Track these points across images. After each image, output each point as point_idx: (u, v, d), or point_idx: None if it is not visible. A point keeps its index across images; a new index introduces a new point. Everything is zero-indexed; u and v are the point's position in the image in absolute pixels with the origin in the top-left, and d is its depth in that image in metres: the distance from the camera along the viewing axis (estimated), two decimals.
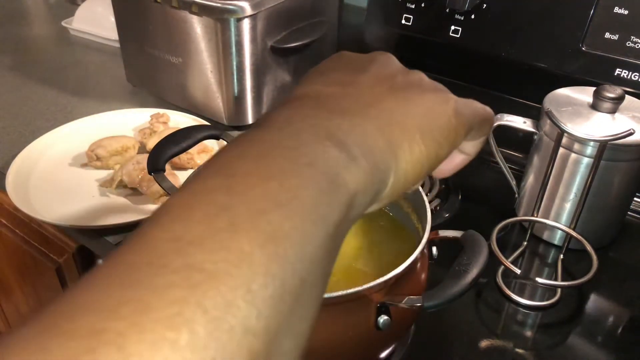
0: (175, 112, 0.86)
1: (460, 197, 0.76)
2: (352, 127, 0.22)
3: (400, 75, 0.27)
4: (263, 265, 0.17)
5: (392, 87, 0.26)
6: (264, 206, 0.18)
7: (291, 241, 0.18)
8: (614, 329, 0.60)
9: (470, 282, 0.42)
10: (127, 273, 0.16)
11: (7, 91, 0.96)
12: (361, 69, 0.27)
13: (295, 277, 0.18)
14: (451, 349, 0.56)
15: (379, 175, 0.23)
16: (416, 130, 0.24)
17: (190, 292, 0.15)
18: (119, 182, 0.73)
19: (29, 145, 0.79)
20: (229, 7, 0.74)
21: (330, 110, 0.23)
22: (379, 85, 0.26)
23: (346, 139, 0.22)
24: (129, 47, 0.92)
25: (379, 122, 0.24)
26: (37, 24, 1.31)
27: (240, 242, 0.17)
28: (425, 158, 0.25)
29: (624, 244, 0.70)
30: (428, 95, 0.26)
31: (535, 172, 0.69)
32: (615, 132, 0.59)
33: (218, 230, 0.17)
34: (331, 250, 0.20)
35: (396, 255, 0.50)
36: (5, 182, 0.71)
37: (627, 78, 0.69)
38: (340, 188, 0.20)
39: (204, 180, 0.20)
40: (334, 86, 0.25)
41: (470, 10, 0.76)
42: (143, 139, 0.82)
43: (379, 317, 0.43)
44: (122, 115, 0.88)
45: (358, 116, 0.23)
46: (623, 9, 0.67)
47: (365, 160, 0.22)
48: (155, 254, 0.17)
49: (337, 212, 0.20)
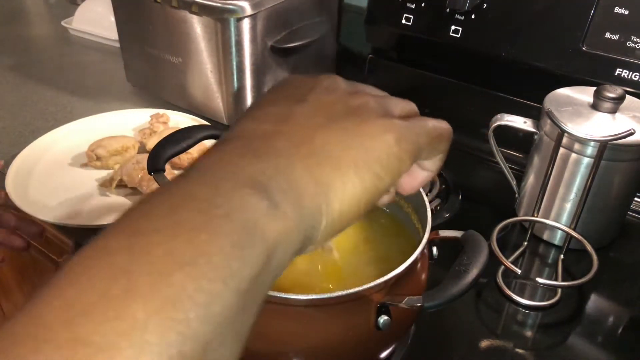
0: (175, 112, 0.86)
1: (460, 197, 0.76)
2: (276, 172, 0.21)
3: (341, 103, 0.26)
4: (157, 334, 0.16)
5: (330, 118, 0.24)
6: (166, 268, 0.17)
7: (194, 303, 0.17)
8: (614, 329, 0.60)
9: (471, 282, 0.42)
10: (10, 349, 0.15)
11: (7, 91, 0.96)
12: (300, 99, 0.25)
13: (197, 342, 0.16)
14: (451, 349, 0.56)
15: (307, 221, 0.21)
16: (350, 165, 0.23)
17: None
18: (119, 182, 0.73)
19: (30, 145, 0.79)
20: (229, 7, 0.74)
21: (256, 153, 0.22)
22: (316, 117, 0.24)
23: (269, 184, 0.21)
24: (129, 47, 0.92)
25: (309, 161, 0.22)
26: (37, 24, 1.31)
27: (134, 309, 0.16)
28: (362, 192, 0.23)
29: (624, 244, 0.70)
30: (368, 125, 0.24)
31: (535, 172, 0.69)
32: (616, 132, 0.59)
33: (112, 297, 0.16)
34: (245, 306, 0.19)
35: (396, 255, 0.50)
36: (5, 182, 0.71)
37: (627, 78, 0.69)
38: (256, 240, 0.19)
39: (107, 238, 0.18)
40: (267, 123, 0.24)
41: (470, 10, 0.76)
42: (143, 139, 0.82)
43: (379, 317, 0.43)
44: (122, 115, 0.88)
45: (285, 157, 0.22)
46: (623, 9, 0.67)
47: (290, 206, 0.21)
48: (42, 326, 0.16)
49: (252, 266, 0.19)
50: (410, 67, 0.89)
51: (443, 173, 0.80)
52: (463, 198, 0.76)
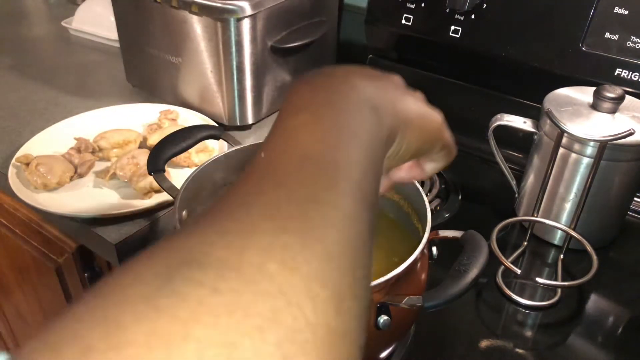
0: (185, 110, 0.86)
1: (460, 197, 0.76)
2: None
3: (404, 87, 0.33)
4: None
5: (406, 92, 0.32)
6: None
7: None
8: (614, 329, 0.60)
9: (470, 282, 0.42)
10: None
11: (7, 91, 0.96)
12: (386, 76, 0.33)
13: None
14: (451, 349, 0.56)
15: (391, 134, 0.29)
16: (414, 119, 0.31)
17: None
18: (112, 175, 0.73)
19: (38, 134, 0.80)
20: (229, 7, 0.74)
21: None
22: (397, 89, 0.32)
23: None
24: (129, 47, 0.92)
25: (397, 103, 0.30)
26: (37, 24, 1.31)
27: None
28: (414, 145, 0.31)
29: (624, 244, 0.70)
30: (425, 105, 0.32)
31: (535, 172, 0.69)
32: (615, 132, 0.59)
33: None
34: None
35: (396, 255, 0.50)
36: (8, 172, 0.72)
37: (627, 78, 0.69)
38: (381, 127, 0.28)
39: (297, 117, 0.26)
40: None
41: (470, 10, 0.76)
42: (148, 134, 0.82)
43: (379, 317, 0.43)
44: (133, 109, 0.88)
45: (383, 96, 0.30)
46: (623, 9, 0.67)
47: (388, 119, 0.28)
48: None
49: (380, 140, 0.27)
50: (410, 67, 0.89)
51: (443, 173, 0.80)
52: (463, 198, 0.76)
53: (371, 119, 0.26)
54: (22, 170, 0.73)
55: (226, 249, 0.17)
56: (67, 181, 0.73)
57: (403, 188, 0.56)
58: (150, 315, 0.15)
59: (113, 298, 0.16)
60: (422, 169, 0.36)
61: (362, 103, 0.27)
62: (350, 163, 0.23)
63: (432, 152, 0.34)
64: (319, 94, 0.27)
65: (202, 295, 0.16)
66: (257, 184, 0.21)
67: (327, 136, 0.24)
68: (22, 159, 0.74)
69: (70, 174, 0.73)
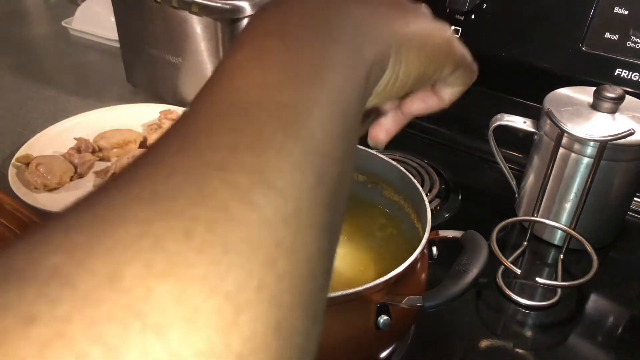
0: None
1: (460, 197, 0.76)
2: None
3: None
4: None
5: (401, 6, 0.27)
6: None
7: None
8: (614, 329, 0.60)
9: (470, 282, 0.42)
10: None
11: (7, 91, 0.96)
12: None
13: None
14: (451, 349, 0.56)
15: (382, 56, 0.24)
16: (413, 38, 0.26)
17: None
18: (112, 175, 0.73)
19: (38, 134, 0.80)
20: (229, 7, 0.74)
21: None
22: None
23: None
24: (129, 47, 0.92)
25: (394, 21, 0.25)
26: (37, 24, 1.31)
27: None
28: (415, 67, 0.26)
29: (624, 244, 0.70)
30: (428, 20, 0.27)
31: (535, 172, 0.69)
32: (615, 132, 0.59)
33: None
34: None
35: (396, 255, 0.50)
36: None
37: (627, 78, 0.69)
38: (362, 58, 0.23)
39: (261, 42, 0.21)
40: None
41: (470, 10, 0.76)
42: (149, 134, 0.82)
43: (379, 317, 0.43)
44: (133, 110, 0.88)
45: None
46: (623, 9, 0.67)
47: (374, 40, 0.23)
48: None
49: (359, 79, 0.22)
50: None
51: (443, 173, 0.80)
52: (463, 198, 0.76)
53: (347, 51, 0.21)
54: (22, 170, 0.73)
55: (66, 256, 0.13)
56: (67, 181, 0.73)
57: (403, 188, 0.56)
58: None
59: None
60: (439, 96, 0.31)
61: (341, 29, 0.22)
62: (299, 113, 0.18)
63: (444, 74, 0.28)
64: (278, 20, 0.22)
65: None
66: (156, 151, 0.16)
67: (269, 78, 0.19)
68: (22, 159, 0.74)
69: (70, 174, 0.73)
